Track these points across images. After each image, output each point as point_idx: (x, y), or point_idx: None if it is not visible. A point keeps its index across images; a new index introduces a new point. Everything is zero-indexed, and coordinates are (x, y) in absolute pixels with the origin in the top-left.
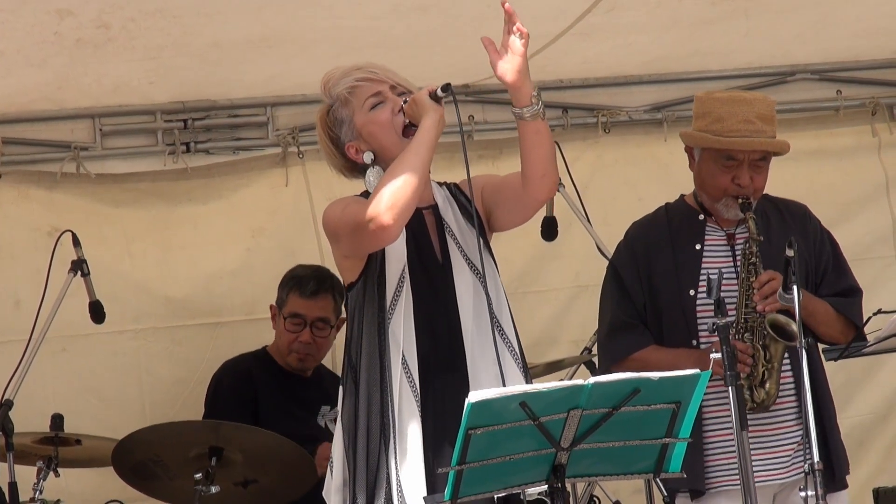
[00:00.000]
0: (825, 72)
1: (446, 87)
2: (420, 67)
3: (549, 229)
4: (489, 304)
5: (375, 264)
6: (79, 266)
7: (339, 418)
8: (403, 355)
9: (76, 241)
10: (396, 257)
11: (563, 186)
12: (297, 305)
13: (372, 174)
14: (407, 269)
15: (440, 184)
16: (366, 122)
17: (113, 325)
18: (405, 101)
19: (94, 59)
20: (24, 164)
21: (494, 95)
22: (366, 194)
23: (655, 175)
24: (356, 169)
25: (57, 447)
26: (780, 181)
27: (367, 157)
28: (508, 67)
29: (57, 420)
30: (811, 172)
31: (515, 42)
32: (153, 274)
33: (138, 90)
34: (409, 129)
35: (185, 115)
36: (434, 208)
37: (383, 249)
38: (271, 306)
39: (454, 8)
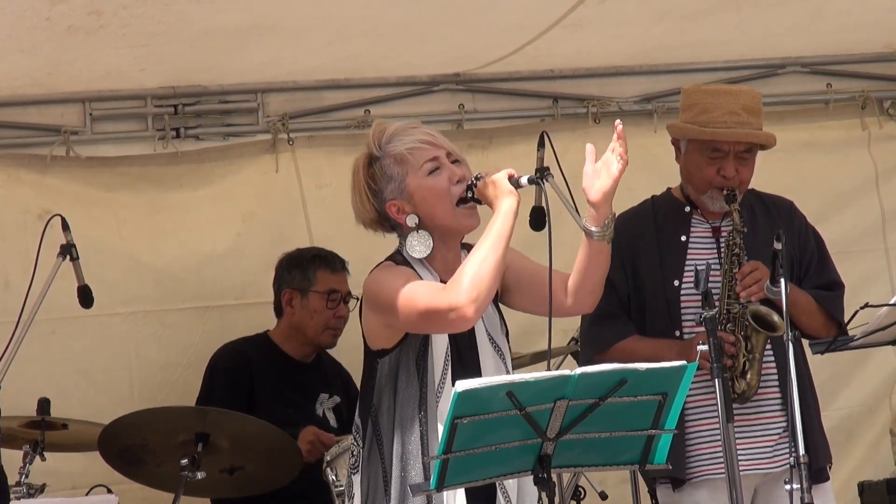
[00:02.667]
0: (816, 65)
1: (533, 180)
2: (411, 56)
3: (538, 219)
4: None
5: (417, 340)
6: (67, 250)
7: (358, 482)
8: None
9: (65, 226)
10: (441, 337)
11: (552, 176)
12: (331, 281)
13: (415, 238)
14: (450, 350)
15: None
16: (420, 187)
17: (102, 309)
18: (478, 178)
19: (85, 46)
20: (14, 147)
21: (485, 85)
22: (398, 257)
23: (645, 166)
24: (384, 226)
25: (43, 431)
26: (770, 173)
27: (412, 221)
28: (598, 186)
29: (44, 404)
30: (801, 165)
31: (612, 164)
32: (143, 258)
33: (129, 76)
34: (469, 204)
35: (176, 100)
36: None
37: None
38: (286, 292)
39: None
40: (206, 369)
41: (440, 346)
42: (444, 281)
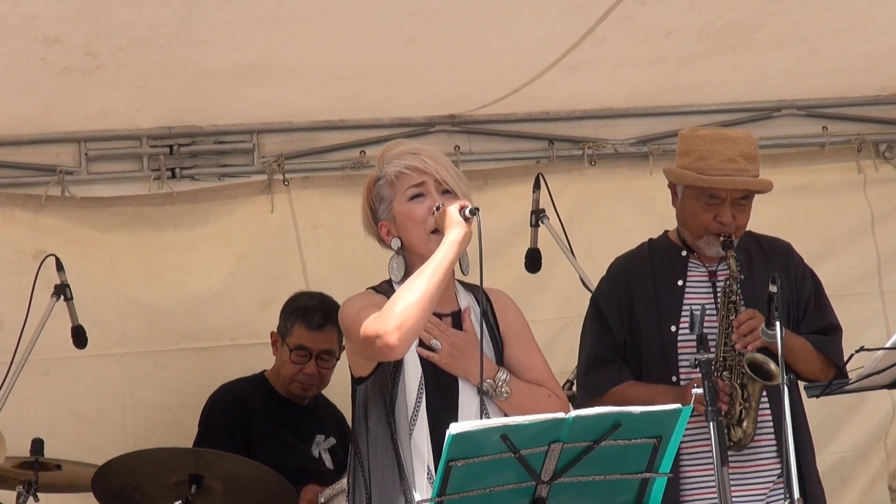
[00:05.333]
0: (811, 108)
1: (474, 211)
2: (406, 98)
3: (533, 261)
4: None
5: (388, 368)
6: (62, 291)
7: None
8: (429, 468)
9: (59, 266)
10: (413, 366)
11: (548, 218)
12: (303, 338)
13: (394, 262)
14: (423, 380)
15: (467, 287)
16: (401, 212)
17: (96, 349)
18: (437, 208)
19: (80, 87)
20: (8, 187)
21: (480, 126)
22: (383, 285)
23: (640, 208)
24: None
25: (37, 472)
26: (766, 216)
27: (395, 244)
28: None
29: (37, 445)
30: (796, 208)
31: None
32: (137, 298)
33: (124, 117)
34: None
35: (171, 140)
36: (455, 315)
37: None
38: (272, 333)
39: (441, 39)
40: (203, 409)
41: (412, 376)
42: None
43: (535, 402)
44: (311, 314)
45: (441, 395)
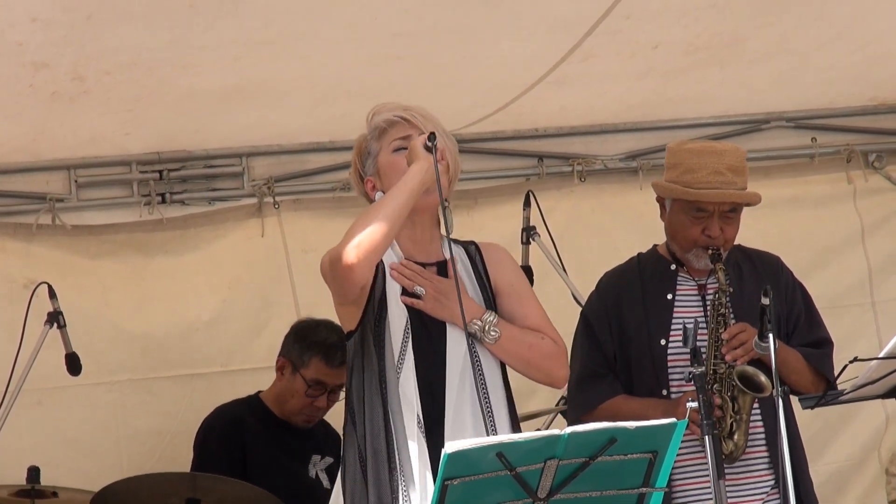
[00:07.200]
0: (800, 119)
1: (431, 137)
2: None
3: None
4: (478, 366)
5: (372, 315)
6: (55, 318)
7: (341, 469)
8: (419, 416)
9: (52, 294)
10: (398, 312)
11: (539, 235)
12: (321, 373)
13: None
14: (409, 325)
15: (456, 242)
16: (385, 163)
17: (89, 377)
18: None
19: (69, 112)
20: None
21: (469, 144)
22: None
23: (631, 224)
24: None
25: (34, 500)
26: (756, 229)
27: (378, 197)
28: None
29: (33, 473)
30: (786, 220)
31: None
32: (130, 325)
33: (113, 142)
34: None
35: (161, 165)
36: (440, 265)
37: (384, 302)
38: (279, 359)
39: (428, 57)
40: (198, 432)
41: (398, 323)
42: (409, 257)
43: (525, 346)
44: (332, 352)
45: (428, 341)
